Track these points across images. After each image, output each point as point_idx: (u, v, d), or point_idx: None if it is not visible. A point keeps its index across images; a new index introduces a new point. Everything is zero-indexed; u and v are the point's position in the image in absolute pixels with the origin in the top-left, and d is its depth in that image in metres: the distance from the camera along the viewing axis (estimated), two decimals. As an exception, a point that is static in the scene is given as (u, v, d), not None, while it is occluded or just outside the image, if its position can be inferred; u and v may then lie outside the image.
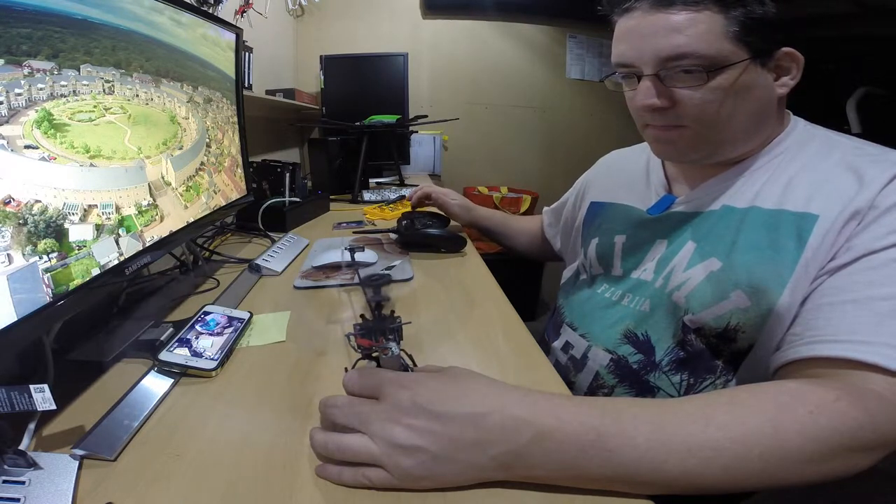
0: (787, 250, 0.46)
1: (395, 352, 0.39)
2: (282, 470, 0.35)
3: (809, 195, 0.47)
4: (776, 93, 0.51)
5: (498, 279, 0.74)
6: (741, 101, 0.49)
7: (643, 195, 0.65)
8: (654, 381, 0.54)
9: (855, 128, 1.90)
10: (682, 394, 0.52)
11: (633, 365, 0.56)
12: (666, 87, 0.50)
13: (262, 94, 1.55)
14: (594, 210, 0.75)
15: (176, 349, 0.49)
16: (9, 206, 0.36)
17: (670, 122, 0.52)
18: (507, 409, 0.32)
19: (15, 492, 0.32)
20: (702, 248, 0.53)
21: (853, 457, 0.34)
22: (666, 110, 0.51)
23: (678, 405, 0.35)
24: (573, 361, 0.62)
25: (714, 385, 0.51)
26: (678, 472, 0.31)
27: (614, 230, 0.66)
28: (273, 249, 0.85)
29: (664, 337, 0.55)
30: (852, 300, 0.41)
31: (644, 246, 0.61)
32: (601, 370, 0.58)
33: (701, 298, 0.51)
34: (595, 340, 0.60)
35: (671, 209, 0.60)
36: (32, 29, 0.39)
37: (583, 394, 0.60)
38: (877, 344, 0.37)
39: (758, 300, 0.47)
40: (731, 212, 0.53)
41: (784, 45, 0.49)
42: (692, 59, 0.47)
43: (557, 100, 2.47)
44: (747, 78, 0.48)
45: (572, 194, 0.86)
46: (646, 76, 0.51)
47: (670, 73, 0.49)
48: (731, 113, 0.50)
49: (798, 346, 0.42)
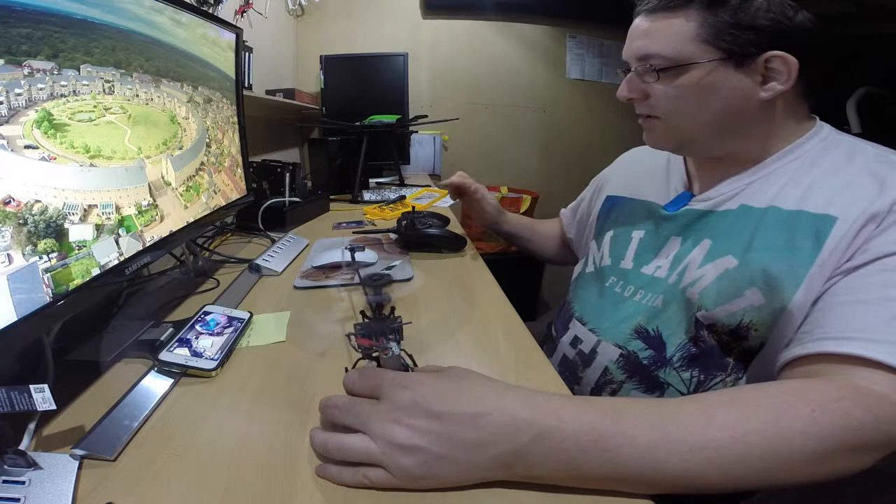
0: (803, 250, 0.47)
1: (396, 352, 0.39)
2: (282, 470, 0.35)
3: (830, 198, 0.48)
4: (759, 96, 0.51)
5: (498, 279, 0.74)
6: (707, 99, 0.53)
7: (662, 191, 0.66)
8: (665, 377, 0.54)
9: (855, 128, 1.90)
10: (691, 390, 0.53)
11: (644, 361, 0.56)
12: (641, 82, 0.57)
13: (262, 94, 1.55)
14: (610, 203, 0.76)
15: (176, 349, 0.49)
16: (9, 206, 0.36)
17: (643, 112, 0.59)
18: (508, 409, 0.32)
19: (15, 492, 0.32)
20: (717, 246, 0.54)
21: (855, 456, 0.34)
22: (640, 101, 0.59)
23: (679, 404, 0.35)
24: (581, 356, 0.63)
25: (724, 383, 0.52)
26: (679, 472, 0.31)
27: (632, 225, 0.67)
28: (273, 249, 0.85)
29: (676, 333, 0.55)
30: (864, 300, 0.41)
31: (660, 242, 0.62)
32: (610, 365, 0.59)
33: (715, 295, 0.52)
34: (605, 335, 0.61)
35: (688, 206, 0.60)
36: (32, 29, 0.39)
37: (590, 389, 0.60)
38: (884, 342, 0.37)
39: (772, 298, 0.48)
40: (749, 211, 0.53)
41: (774, 49, 0.49)
42: (654, 59, 0.54)
43: (557, 100, 2.47)
44: (714, 78, 0.52)
45: (588, 191, 0.87)
46: (629, 72, 0.59)
47: (644, 70, 0.55)
48: (697, 108, 0.54)
49: (806, 342, 0.42)
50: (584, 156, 2.51)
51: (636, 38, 0.56)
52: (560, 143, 2.53)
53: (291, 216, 1.08)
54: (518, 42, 2.37)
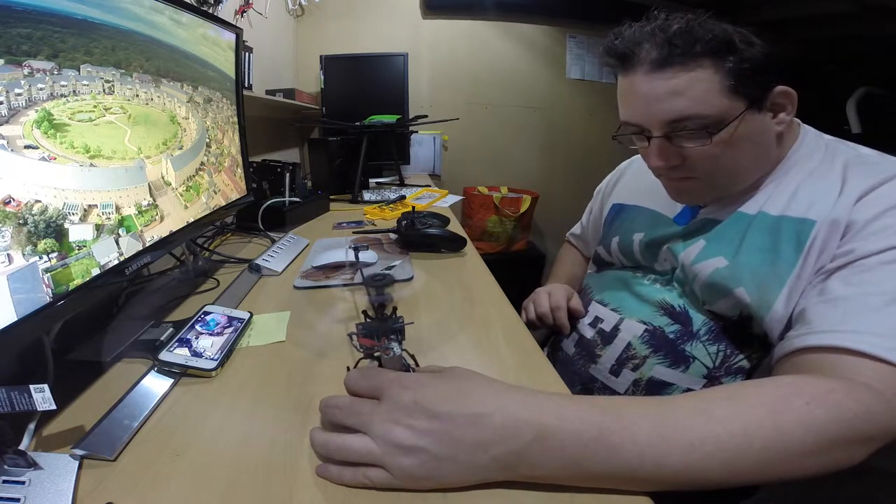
0: (786, 253, 0.51)
1: (398, 352, 0.39)
2: (282, 470, 0.35)
3: (811, 202, 0.51)
4: (775, 130, 0.54)
5: (498, 279, 0.74)
6: (744, 148, 0.53)
7: (669, 202, 0.66)
8: (691, 350, 0.56)
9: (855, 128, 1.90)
10: (716, 365, 0.55)
11: (670, 335, 0.58)
12: (674, 146, 0.55)
13: (262, 94, 1.55)
14: (616, 210, 0.77)
15: (176, 349, 0.49)
16: (9, 206, 0.36)
17: (681, 175, 0.57)
18: (509, 410, 0.32)
19: (15, 492, 0.32)
20: (710, 247, 0.58)
21: (851, 448, 0.35)
22: (677, 166, 0.56)
23: (678, 401, 0.35)
24: (601, 335, 0.64)
25: (749, 359, 0.55)
26: (680, 468, 0.31)
27: (634, 229, 0.69)
28: (273, 249, 0.85)
29: (699, 313, 0.58)
30: (845, 297, 0.44)
31: (660, 240, 0.65)
32: (634, 340, 0.60)
33: (710, 292, 0.56)
34: (629, 313, 0.63)
35: (697, 219, 0.62)
36: (32, 29, 0.39)
37: (610, 366, 0.62)
38: (864, 333, 0.40)
39: (759, 297, 0.51)
40: (742, 217, 0.57)
41: (776, 84, 0.52)
42: (695, 121, 0.51)
43: (557, 100, 2.47)
44: (746, 127, 0.52)
45: (596, 203, 0.89)
46: (655, 137, 0.55)
47: (676, 133, 0.53)
48: (736, 160, 0.54)
49: (793, 338, 0.45)
50: (584, 156, 2.51)
51: (658, 99, 0.52)
52: (560, 143, 2.53)
53: (291, 216, 1.08)
54: (518, 42, 2.37)
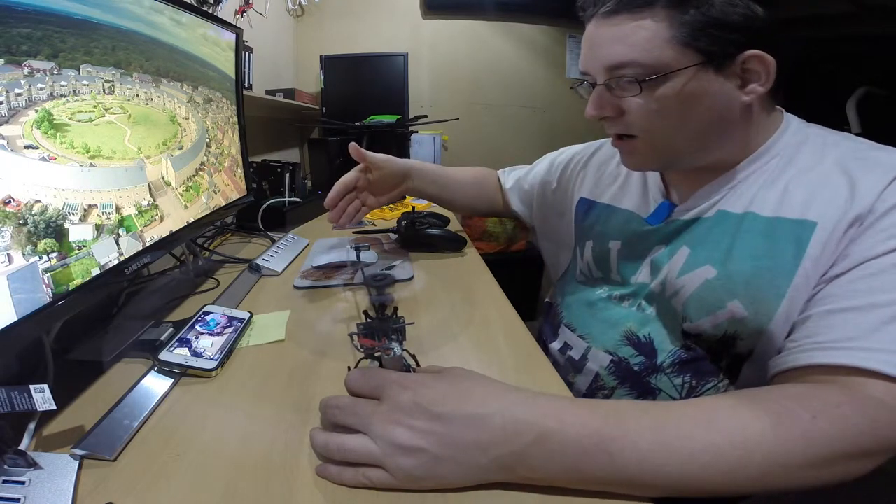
0: (784, 260, 0.45)
1: (398, 352, 0.39)
2: (282, 470, 0.35)
3: (806, 201, 0.46)
4: (740, 100, 0.48)
5: (498, 279, 0.74)
6: (691, 110, 0.48)
7: (640, 201, 0.63)
8: (656, 383, 0.53)
9: (855, 128, 1.90)
10: (683, 396, 0.52)
11: (635, 367, 0.55)
12: (613, 97, 0.50)
13: (262, 94, 1.55)
14: (585, 207, 0.72)
15: (176, 349, 0.49)
16: (9, 206, 0.36)
17: (620, 132, 0.53)
18: (509, 411, 0.32)
19: (15, 492, 0.32)
20: (696, 254, 0.52)
21: (854, 462, 0.34)
22: (615, 120, 0.52)
23: (680, 409, 0.35)
24: (571, 363, 0.62)
25: (717, 388, 0.51)
26: (679, 476, 0.31)
27: (609, 235, 0.64)
28: (273, 249, 0.85)
29: (666, 339, 0.54)
30: (852, 307, 0.40)
31: (639, 251, 0.60)
32: (601, 371, 0.58)
33: (697, 306, 0.50)
34: (595, 342, 0.60)
35: (671, 218, 0.57)
36: (32, 29, 0.39)
37: (582, 395, 0.59)
38: (876, 350, 0.37)
39: (756, 311, 0.46)
40: (727, 217, 0.51)
41: (750, 48, 0.45)
42: (631, 68, 0.47)
43: (557, 100, 2.47)
44: (696, 85, 0.46)
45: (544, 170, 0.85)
46: (597, 86, 0.51)
47: (617, 82, 0.48)
48: (681, 122, 0.49)
49: (796, 353, 0.42)
50: (584, 156, 2.50)
51: (601, 45, 0.49)
52: (560, 143, 2.48)
53: (291, 216, 1.08)
54: (518, 42, 2.37)
